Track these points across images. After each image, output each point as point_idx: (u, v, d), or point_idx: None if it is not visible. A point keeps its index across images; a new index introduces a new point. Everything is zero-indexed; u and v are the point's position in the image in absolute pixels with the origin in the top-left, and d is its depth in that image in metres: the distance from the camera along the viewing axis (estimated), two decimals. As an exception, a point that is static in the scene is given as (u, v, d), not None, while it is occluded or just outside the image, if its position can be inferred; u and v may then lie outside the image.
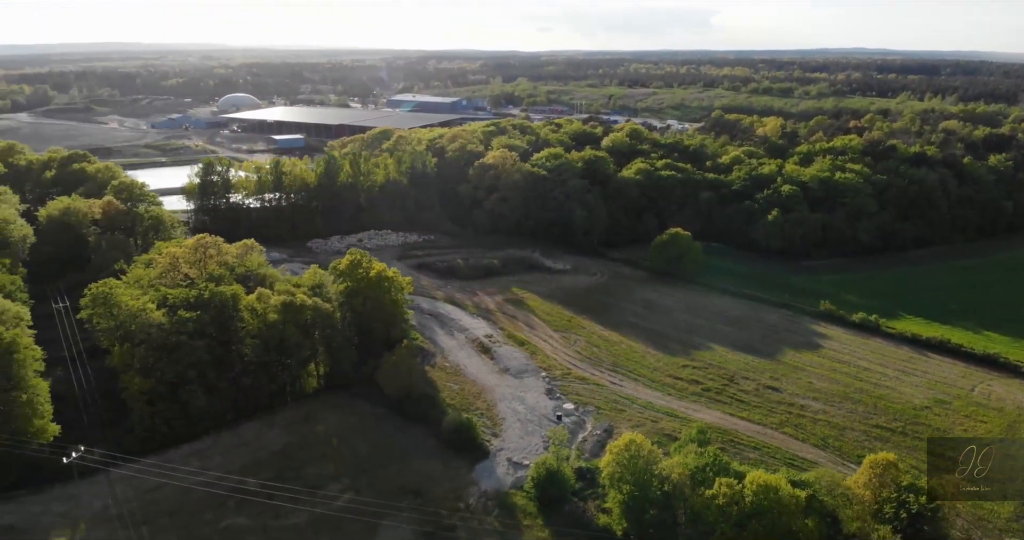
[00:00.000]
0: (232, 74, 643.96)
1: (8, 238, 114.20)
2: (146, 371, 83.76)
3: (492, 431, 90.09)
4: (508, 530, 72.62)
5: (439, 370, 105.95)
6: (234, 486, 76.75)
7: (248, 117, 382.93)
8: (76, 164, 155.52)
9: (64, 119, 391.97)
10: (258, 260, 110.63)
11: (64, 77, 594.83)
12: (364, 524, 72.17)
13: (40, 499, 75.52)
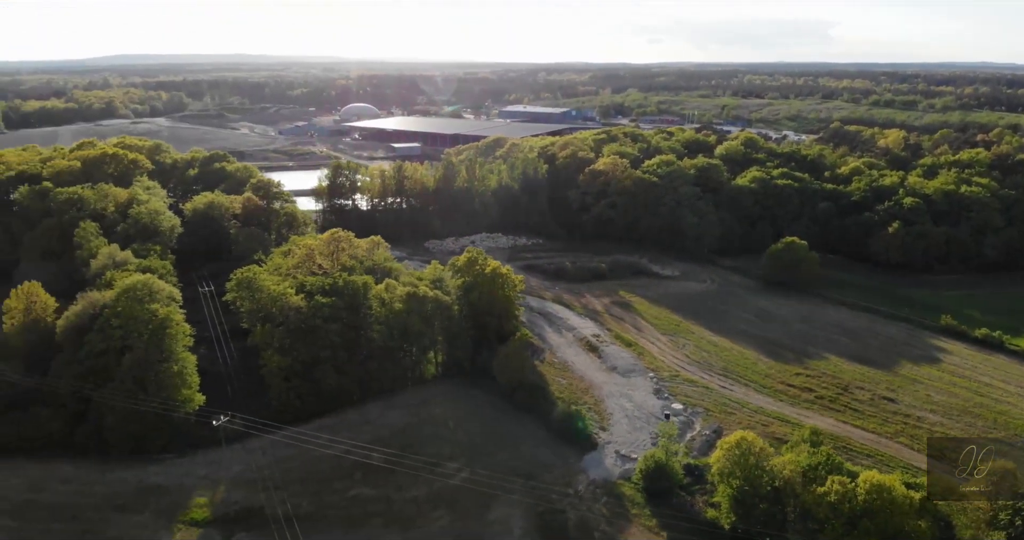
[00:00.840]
0: (353, 85, 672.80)
1: (159, 227, 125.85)
2: (284, 350, 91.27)
3: (600, 425, 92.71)
4: (616, 517, 75.16)
5: (548, 365, 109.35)
6: (359, 459, 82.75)
7: (368, 126, 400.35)
8: (217, 164, 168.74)
9: (199, 124, 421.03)
10: (384, 255, 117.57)
11: (198, 85, 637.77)
12: (478, 501, 76.28)
13: (184, 462, 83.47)
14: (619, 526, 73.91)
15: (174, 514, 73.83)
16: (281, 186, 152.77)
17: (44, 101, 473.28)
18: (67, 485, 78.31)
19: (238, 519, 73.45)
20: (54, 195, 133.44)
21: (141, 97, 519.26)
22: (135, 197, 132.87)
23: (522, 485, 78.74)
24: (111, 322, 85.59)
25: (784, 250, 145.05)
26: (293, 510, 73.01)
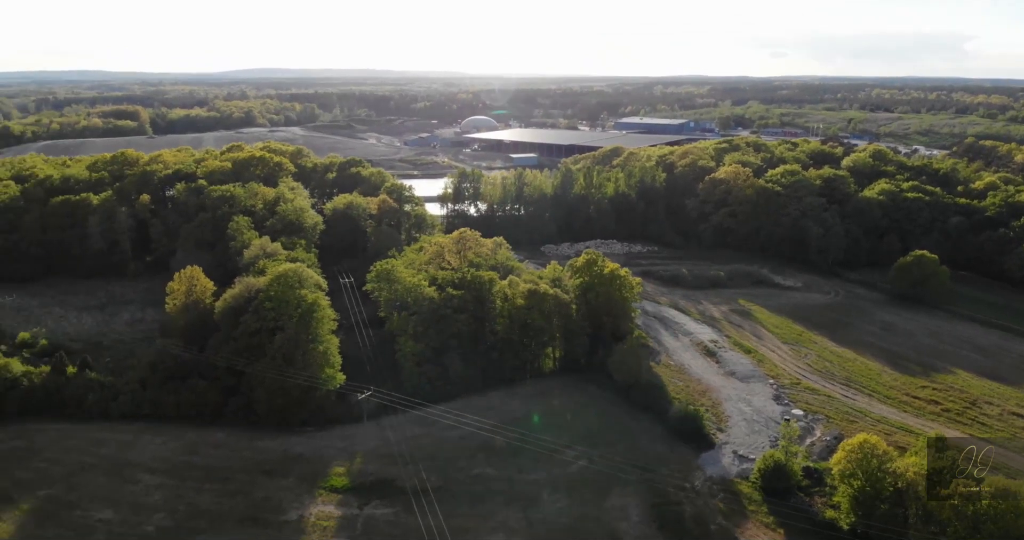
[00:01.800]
0: (472, 99, 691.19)
1: (303, 224, 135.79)
2: (417, 337, 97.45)
3: (717, 426, 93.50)
4: (732, 513, 76.15)
5: (664, 367, 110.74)
6: (483, 442, 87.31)
7: (487, 137, 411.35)
8: (353, 168, 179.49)
9: (330, 134, 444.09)
10: (506, 254, 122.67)
11: (328, 98, 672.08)
12: (595, 488, 79.08)
13: (324, 435, 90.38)
14: (735, 521, 74.88)
15: (315, 480, 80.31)
16: (412, 190, 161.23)
17: (188, 109, 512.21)
18: (219, 450, 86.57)
19: (373, 488, 79.14)
20: (208, 192, 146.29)
21: (277, 108, 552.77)
22: (281, 195, 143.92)
23: (639, 476, 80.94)
24: (265, 305, 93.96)
25: (913, 264, 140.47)
26: (423, 483, 78.02)
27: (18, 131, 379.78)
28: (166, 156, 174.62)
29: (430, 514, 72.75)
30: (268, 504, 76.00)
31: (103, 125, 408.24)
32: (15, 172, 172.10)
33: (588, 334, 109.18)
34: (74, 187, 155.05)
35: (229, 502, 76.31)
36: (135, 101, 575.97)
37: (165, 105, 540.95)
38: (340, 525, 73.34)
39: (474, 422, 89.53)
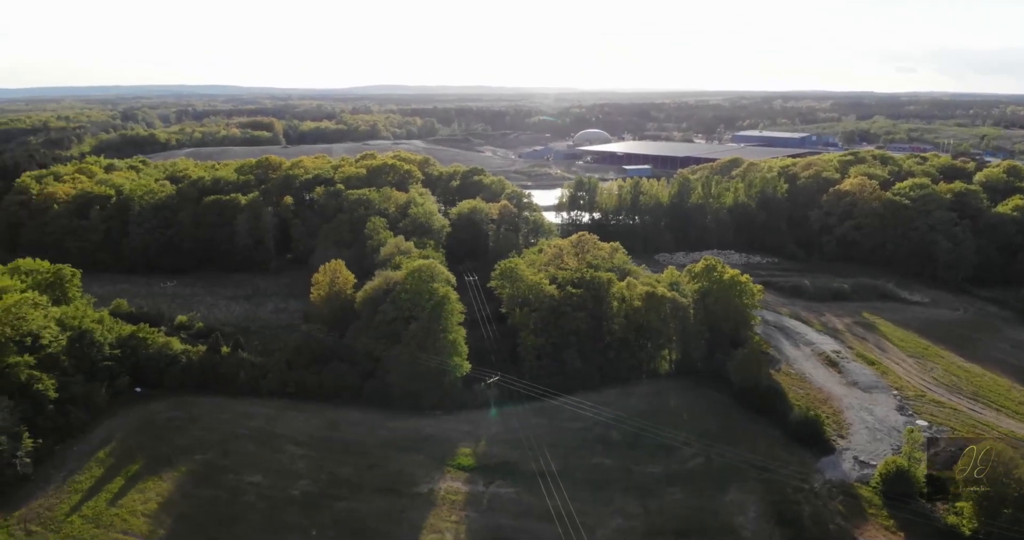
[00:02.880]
0: (585, 113, 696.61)
1: (432, 226, 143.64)
2: (538, 332, 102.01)
3: (838, 433, 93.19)
4: (852, 515, 76.32)
5: (784, 375, 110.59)
6: (600, 435, 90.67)
7: (600, 149, 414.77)
8: (475, 177, 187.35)
9: (449, 146, 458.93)
10: (623, 258, 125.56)
11: (447, 113, 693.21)
12: (712, 484, 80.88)
13: (451, 419, 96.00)
14: (854, 522, 75.05)
15: (444, 459, 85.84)
16: (531, 197, 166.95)
17: (318, 122, 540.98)
18: (357, 427, 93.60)
19: (497, 469, 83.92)
20: (346, 195, 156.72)
21: (399, 122, 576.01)
22: (412, 200, 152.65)
23: (756, 476, 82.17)
24: (401, 296, 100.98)
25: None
26: (544, 467, 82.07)
27: (164, 139, 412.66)
28: (306, 162, 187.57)
29: (552, 496, 76.54)
30: (402, 477, 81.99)
31: (241, 135, 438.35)
32: (169, 173, 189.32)
33: (706, 338, 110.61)
34: (224, 188, 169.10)
35: (367, 473, 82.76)
36: (267, 114, 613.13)
37: (296, 118, 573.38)
38: (468, 500, 78.37)
39: (590, 417, 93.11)
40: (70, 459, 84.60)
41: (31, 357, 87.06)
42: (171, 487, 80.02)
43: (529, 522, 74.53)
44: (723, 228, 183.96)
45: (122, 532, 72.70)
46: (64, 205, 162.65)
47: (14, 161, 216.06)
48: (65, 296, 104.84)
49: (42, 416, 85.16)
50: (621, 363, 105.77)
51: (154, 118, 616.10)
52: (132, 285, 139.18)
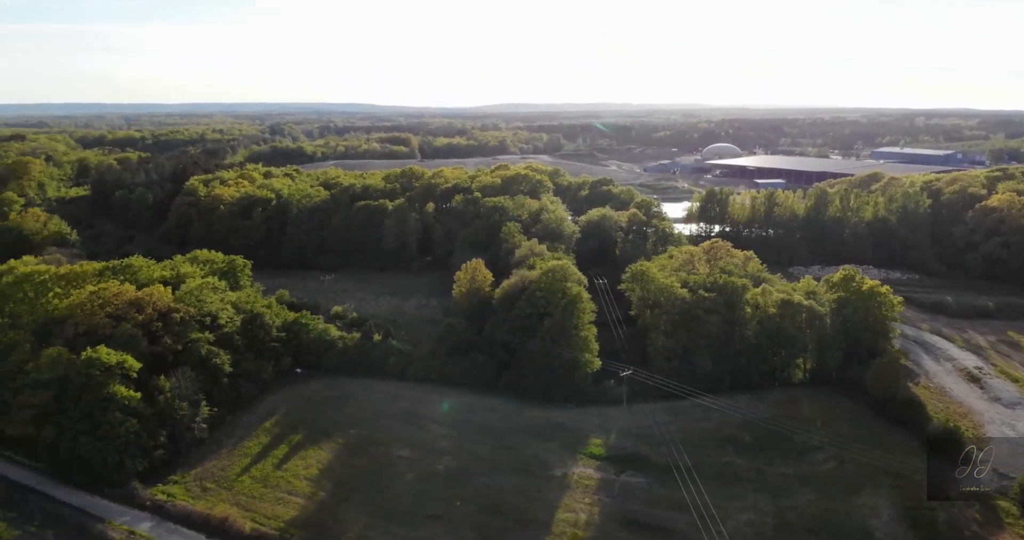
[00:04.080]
0: (714, 128, 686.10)
1: (562, 232, 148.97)
2: (668, 334, 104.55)
3: (977, 445, 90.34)
4: (988, 523, 74.67)
5: (923, 389, 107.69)
6: (730, 435, 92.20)
7: (729, 163, 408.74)
8: (604, 187, 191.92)
9: (574, 161, 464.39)
10: (757, 266, 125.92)
11: (572, 129, 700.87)
12: (846, 487, 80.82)
13: (582, 412, 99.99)
14: (991, 531, 73.49)
15: (576, 447, 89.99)
16: (660, 205, 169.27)
17: (450, 138, 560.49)
18: (493, 413, 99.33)
19: (627, 460, 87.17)
20: (482, 203, 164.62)
21: (526, 138, 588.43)
22: (544, 207, 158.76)
23: (891, 482, 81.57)
24: (536, 293, 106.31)
25: None
26: (675, 461, 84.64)
27: (310, 151, 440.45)
28: (446, 172, 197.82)
29: (686, 488, 79.02)
30: (536, 460, 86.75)
31: (380, 149, 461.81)
32: (323, 181, 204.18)
33: (842, 348, 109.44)
34: (372, 194, 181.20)
35: (504, 455, 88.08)
36: (402, 130, 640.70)
37: (430, 134, 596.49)
38: (599, 485, 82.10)
39: (718, 419, 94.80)
40: (240, 427, 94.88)
41: (211, 334, 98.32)
42: (329, 456, 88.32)
43: (660, 510, 77.33)
44: (861, 242, 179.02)
45: (287, 492, 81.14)
46: (229, 206, 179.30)
47: (182, 166, 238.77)
48: (237, 284, 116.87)
49: (218, 388, 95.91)
50: (753, 369, 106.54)
51: (299, 133, 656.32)
52: (289, 279, 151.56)
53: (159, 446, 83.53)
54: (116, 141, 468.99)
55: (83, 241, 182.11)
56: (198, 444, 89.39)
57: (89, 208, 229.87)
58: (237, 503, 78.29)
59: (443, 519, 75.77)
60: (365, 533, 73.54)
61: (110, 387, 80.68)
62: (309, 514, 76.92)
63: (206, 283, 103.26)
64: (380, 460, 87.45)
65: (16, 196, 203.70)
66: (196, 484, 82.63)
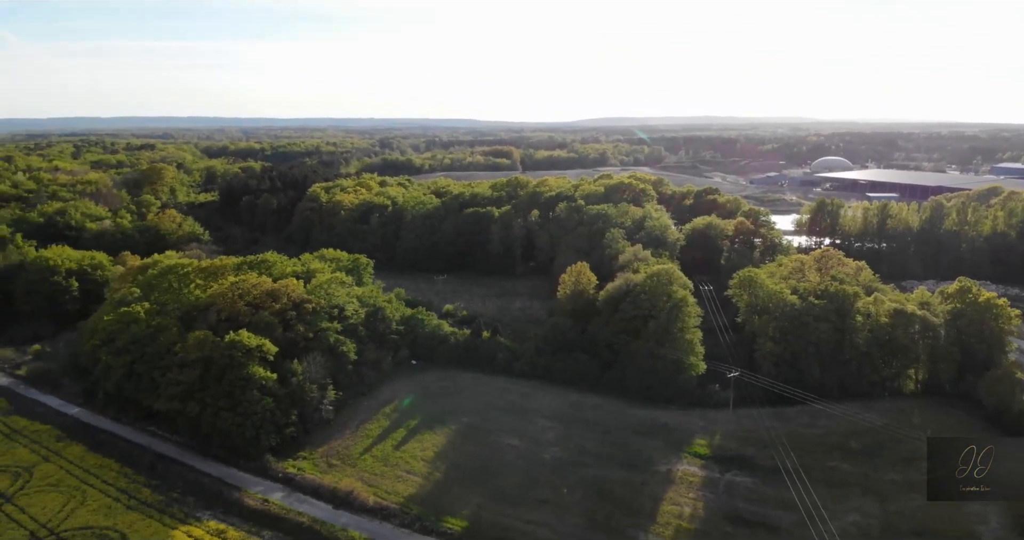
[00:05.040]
0: (824, 141, 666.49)
1: (666, 239, 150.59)
2: (776, 340, 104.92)
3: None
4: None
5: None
6: (838, 442, 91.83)
7: (840, 176, 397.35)
8: (709, 196, 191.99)
9: (676, 173, 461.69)
10: (869, 276, 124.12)
11: (674, 141, 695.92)
12: (957, 496, 79.58)
13: (686, 414, 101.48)
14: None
15: (680, 446, 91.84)
16: (768, 214, 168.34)
17: (550, 151, 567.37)
18: (597, 410, 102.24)
19: (733, 460, 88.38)
20: (585, 210, 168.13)
21: (627, 150, 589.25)
22: (648, 214, 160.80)
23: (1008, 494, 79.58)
24: (640, 296, 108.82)
25: None
26: (782, 464, 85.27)
27: (418, 163, 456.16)
28: (550, 181, 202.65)
29: (791, 488, 79.73)
30: (641, 456, 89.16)
31: (483, 161, 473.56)
32: (434, 189, 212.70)
33: (956, 360, 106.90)
34: (480, 202, 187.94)
35: (609, 449, 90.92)
36: (504, 144, 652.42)
37: (531, 147, 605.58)
38: (704, 483, 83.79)
39: (827, 426, 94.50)
40: (361, 411, 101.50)
41: (338, 325, 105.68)
42: (443, 440, 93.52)
43: (766, 508, 78.44)
44: (978, 257, 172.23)
45: (405, 471, 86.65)
46: (349, 212, 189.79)
47: (303, 175, 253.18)
48: (360, 280, 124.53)
49: (343, 374, 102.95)
50: (862, 378, 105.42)
51: (406, 146, 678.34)
52: (403, 280, 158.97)
53: (290, 424, 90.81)
54: (238, 151, 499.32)
55: (213, 242, 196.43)
56: (324, 424, 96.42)
57: (217, 212, 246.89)
58: (360, 479, 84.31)
59: (551, 503, 79.35)
60: (478, 512, 77.92)
61: (249, 368, 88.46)
62: (426, 492, 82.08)
63: (334, 278, 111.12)
64: (490, 447, 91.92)
65: (153, 199, 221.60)
66: (323, 460, 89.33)
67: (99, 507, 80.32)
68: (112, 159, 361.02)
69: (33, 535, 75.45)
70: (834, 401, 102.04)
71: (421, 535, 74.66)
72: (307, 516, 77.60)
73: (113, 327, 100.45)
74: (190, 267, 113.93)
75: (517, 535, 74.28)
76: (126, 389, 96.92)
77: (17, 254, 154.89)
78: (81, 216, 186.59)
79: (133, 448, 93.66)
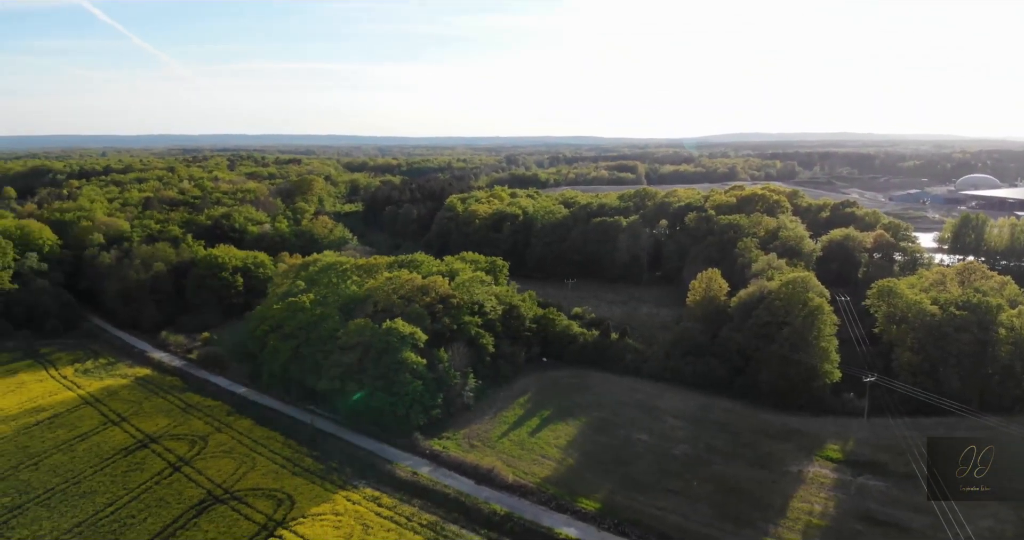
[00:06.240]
0: (970, 159, 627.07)
1: (801, 250, 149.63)
2: (914, 350, 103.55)
3: None
4: None
5: None
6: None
7: (987, 194, 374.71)
8: (847, 209, 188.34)
9: (811, 188, 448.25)
10: (1015, 291, 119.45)
11: (809, 157, 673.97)
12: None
13: (819, 420, 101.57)
14: None
15: (812, 450, 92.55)
16: (910, 229, 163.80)
17: (677, 165, 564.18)
18: (728, 413, 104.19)
19: (865, 465, 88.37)
20: (716, 220, 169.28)
21: (758, 165, 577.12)
22: (782, 225, 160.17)
23: None
24: (775, 303, 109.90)
25: None
26: (919, 470, 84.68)
27: (544, 178, 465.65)
28: (679, 193, 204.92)
29: (927, 491, 79.14)
30: (772, 457, 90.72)
31: (608, 176, 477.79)
32: (562, 200, 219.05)
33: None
34: (607, 212, 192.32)
35: (739, 449, 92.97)
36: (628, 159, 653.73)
37: (656, 162, 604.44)
38: (835, 484, 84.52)
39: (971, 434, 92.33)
40: (498, 400, 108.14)
41: (478, 319, 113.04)
42: (575, 431, 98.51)
43: (899, 511, 78.53)
44: None
45: (540, 456, 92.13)
46: (483, 220, 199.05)
47: (440, 187, 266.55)
48: (497, 281, 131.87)
49: (482, 364, 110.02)
50: (1005, 392, 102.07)
51: (531, 163, 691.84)
52: (533, 285, 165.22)
53: (436, 406, 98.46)
54: (376, 167, 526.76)
55: (359, 247, 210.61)
56: (465, 409, 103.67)
57: (361, 221, 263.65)
58: (500, 459, 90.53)
59: (681, 494, 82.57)
60: (611, 496, 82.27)
61: (403, 353, 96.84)
62: (561, 475, 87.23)
63: (475, 277, 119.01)
64: (621, 440, 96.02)
65: (307, 206, 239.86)
66: (465, 441, 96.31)
67: (267, 472, 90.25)
68: (264, 171, 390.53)
69: (210, 493, 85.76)
70: (973, 413, 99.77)
71: (557, 512, 79.70)
72: (452, 488, 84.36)
73: (282, 315, 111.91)
74: (348, 264, 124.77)
75: (648, 519, 78.05)
76: (291, 370, 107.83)
77: (188, 252, 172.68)
78: (244, 220, 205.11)
79: (295, 423, 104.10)
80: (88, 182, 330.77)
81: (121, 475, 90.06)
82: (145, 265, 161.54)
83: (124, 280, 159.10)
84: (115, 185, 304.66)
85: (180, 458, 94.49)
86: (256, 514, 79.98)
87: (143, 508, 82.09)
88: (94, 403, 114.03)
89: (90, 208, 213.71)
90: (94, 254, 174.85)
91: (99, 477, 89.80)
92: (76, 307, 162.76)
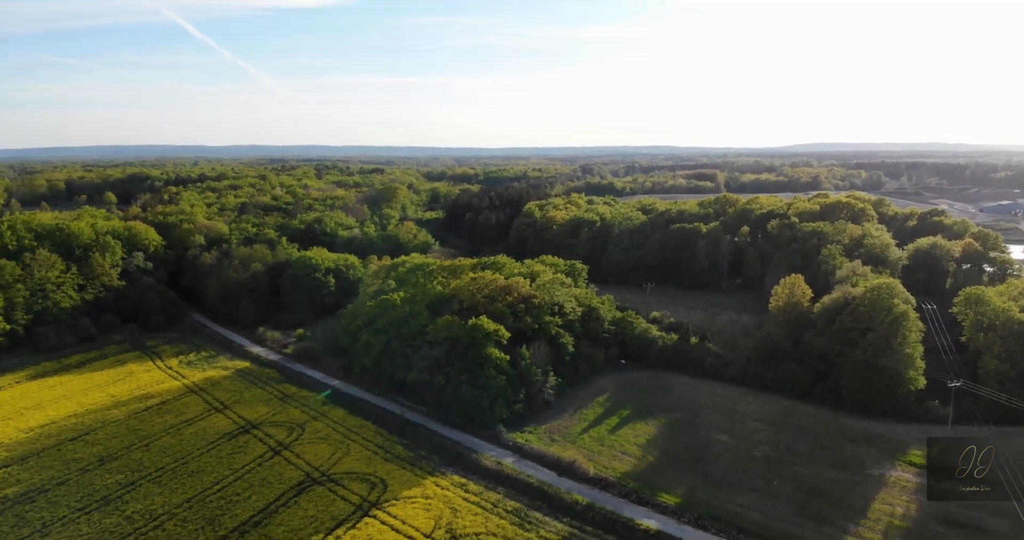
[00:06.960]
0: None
1: (887, 258, 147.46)
2: (1002, 358, 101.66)
3: None
4: None
5: None
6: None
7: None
8: (935, 217, 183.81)
9: (898, 198, 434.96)
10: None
11: (896, 167, 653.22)
12: None
13: (902, 427, 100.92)
14: None
15: (894, 455, 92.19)
16: (1000, 238, 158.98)
17: (757, 175, 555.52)
18: (809, 417, 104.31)
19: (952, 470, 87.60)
20: (800, 227, 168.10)
21: (842, 175, 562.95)
22: (867, 233, 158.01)
23: None
24: (859, 309, 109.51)
25: None
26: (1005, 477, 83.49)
27: (620, 186, 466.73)
28: (762, 200, 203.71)
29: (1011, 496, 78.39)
30: (853, 460, 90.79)
31: (686, 184, 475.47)
32: (639, 207, 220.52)
33: None
34: (686, 218, 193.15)
35: (820, 452, 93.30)
36: (706, 168, 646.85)
37: (736, 171, 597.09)
38: (918, 488, 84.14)
39: None
40: (577, 398, 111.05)
41: (559, 319, 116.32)
42: (654, 430, 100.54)
43: (981, 514, 77.91)
44: None
45: (620, 452, 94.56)
46: (561, 226, 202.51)
47: (518, 195, 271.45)
48: (576, 283, 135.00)
49: (561, 363, 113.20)
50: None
51: (606, 172, 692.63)
52: (610, 289, 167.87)
53: (518, 401, 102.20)
54: (455, 176, 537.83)
55: (441, 250, 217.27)
56: (546, 406, 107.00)
57: (441, 227, 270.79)
58: (580, 453, 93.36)
59: (762, 492, 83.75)
60: (690, 492, 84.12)
61: (488, 348, 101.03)
62: (640, 470, 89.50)
63: (556, 278, 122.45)
64: (700, 440, 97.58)
65: (392, 212, 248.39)
66: (546, 435, 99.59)
67: (361, 457, 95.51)
68: (350, 180, 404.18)
69: (308, 475, 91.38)
70: None
71: (637, 505, 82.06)
72: (535, 478, 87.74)
73: (374, 311, 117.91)
74: (434, 265, 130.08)
75: (728, 514, 79.64)
76: (382, 363, 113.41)
77: (284, 253, 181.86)
78: (334, 224, 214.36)
79: (386, 414, 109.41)
80: (185, 188, 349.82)
81: (226, 457, 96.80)
82: (243, 265, 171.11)
83: (224, 279, 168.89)
84: (211, 191, 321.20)
85: (280, 443, 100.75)
86: (352, 495, 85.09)
87: (247, 487, 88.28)
88: (198, 392, 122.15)
89: (191, 212, 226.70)
90: (196, 254, 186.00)
91: (205, 458, 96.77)
92: (179, 303, 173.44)
